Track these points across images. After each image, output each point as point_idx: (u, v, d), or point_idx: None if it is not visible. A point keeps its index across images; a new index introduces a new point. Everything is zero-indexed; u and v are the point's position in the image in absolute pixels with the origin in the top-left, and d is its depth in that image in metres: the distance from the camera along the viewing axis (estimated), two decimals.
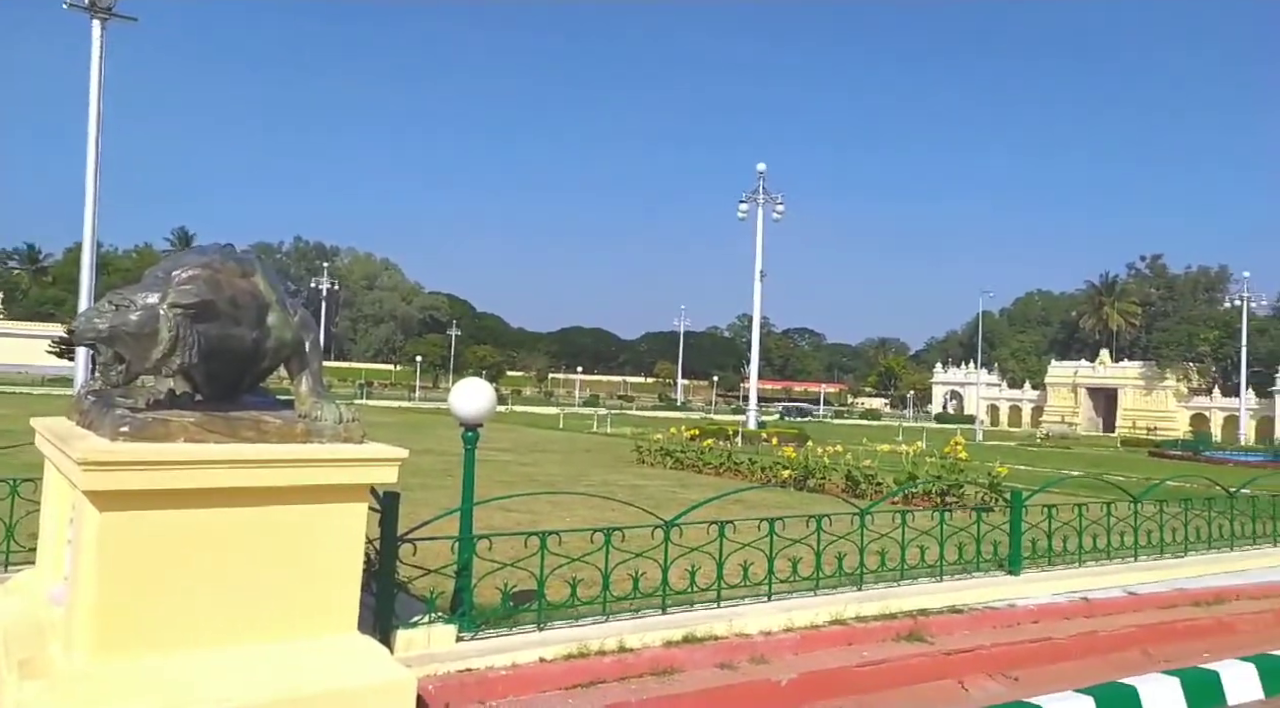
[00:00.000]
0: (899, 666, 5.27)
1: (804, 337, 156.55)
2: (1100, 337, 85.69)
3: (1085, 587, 7.01)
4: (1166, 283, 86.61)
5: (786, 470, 14.07)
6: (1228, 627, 7.04)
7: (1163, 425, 68.75)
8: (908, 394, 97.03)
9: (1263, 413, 68.57)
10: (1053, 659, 5.84)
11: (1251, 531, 8.90)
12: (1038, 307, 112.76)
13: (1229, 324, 66.23)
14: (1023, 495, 7.03)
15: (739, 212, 33.38)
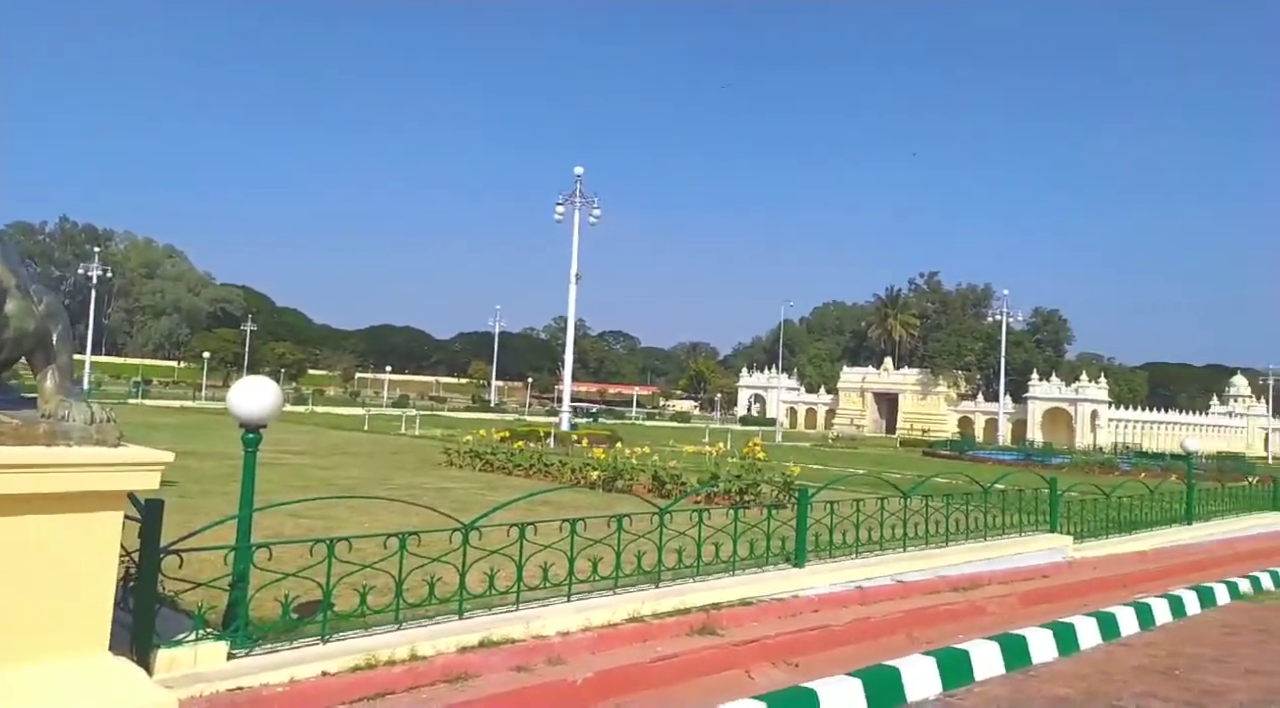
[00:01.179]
0: (691, 659, 5.46)
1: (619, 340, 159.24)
2: (885, 346, 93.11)
3: (861, 577, 7.56)
4: (941, 298, 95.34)
5: (595, 472, 14.22)
6: (980, 609, 7.83)
7: (935, 427, 75.67)
8: (716, 397, 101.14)
9: (1018, 417, 77.14)
10: (830, 645, 6.26)
11: (1001, 522, 9.94)
12: (833, 316, 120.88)
13: (991, 336, 74.08)
14: (808, 493, 7.48)
15: (556, 214, 33.45)
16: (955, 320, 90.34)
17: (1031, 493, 10.31)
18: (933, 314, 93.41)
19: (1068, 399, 76.02)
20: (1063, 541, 10.12)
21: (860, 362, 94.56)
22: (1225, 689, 5.92)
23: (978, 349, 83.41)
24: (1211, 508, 13.96)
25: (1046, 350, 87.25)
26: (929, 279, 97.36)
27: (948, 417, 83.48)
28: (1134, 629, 7.55)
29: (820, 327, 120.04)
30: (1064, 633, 6.73)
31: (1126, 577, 9.80)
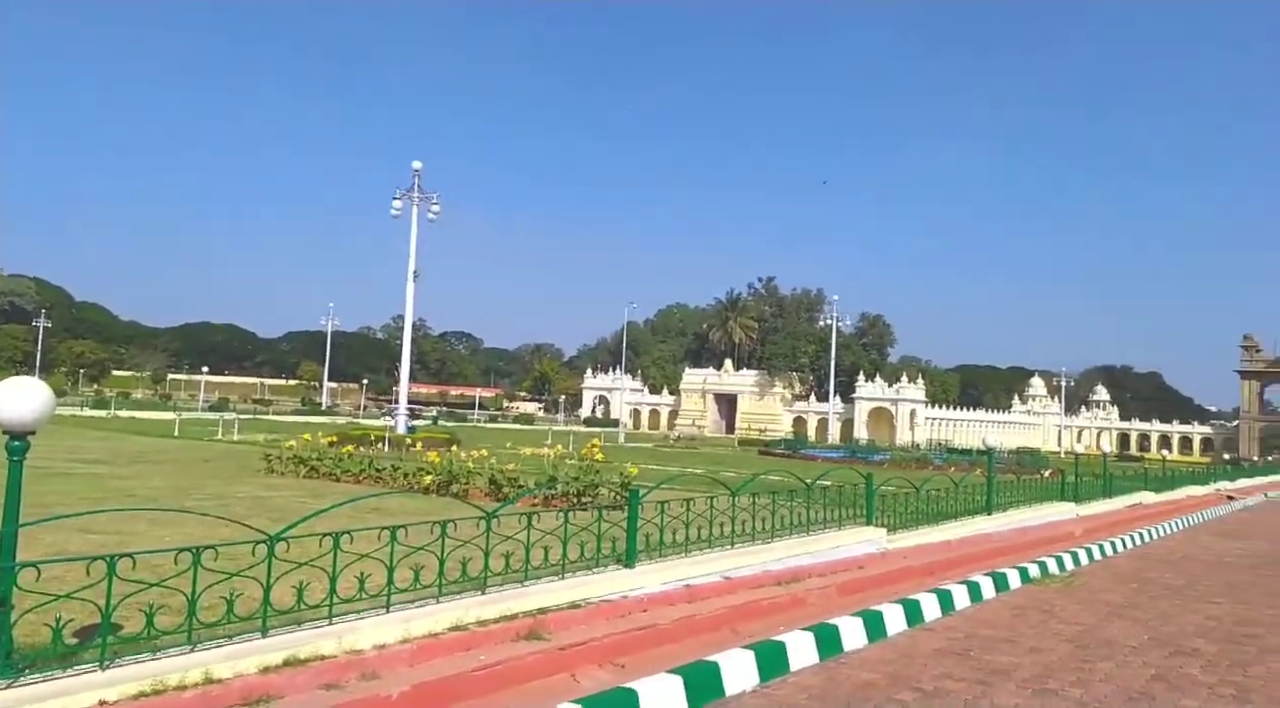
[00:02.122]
0: (515, 665, 5.36)
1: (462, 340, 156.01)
2: (726, 348, 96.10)
3: (690, 575, 7.70)
4: (778, 302, 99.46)
5: (429, 476, 13.81)
6: (801, 601, 8.16)
7: (771, 427, 78.95)
8: (561, 399, 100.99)
9: (846, 416, 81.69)
10: (657, 644, 6.33)
11: (823, 516, 10.43)
12: (677, 319, 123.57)
13: (823, 340, 78.02)
14: (639, 494, 7.55)
15: (393, 208, 32.28)
16: (791, 324, 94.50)
17: (850, 488, 10.86)
18: (770, 318, 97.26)
19: (890, 399, 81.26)
20: (878, 532, 10.73)
21: (702, 363, 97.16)
22: (1012, 667, 6.45)
23: (811, 352, 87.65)
24: (1009, 499, 15.22)
25: (872, 353, 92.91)
26: (767, 284, 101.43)
27: (783, 416, 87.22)
28: (936, 615, 8.10)
29: (664, 328, 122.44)
30: (873, 621, 7.13)
31: (933, 565, 10.51)
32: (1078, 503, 17.55)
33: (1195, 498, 26.06)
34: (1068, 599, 9.43)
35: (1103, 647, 7.26)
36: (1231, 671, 6.73)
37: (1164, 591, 10.44)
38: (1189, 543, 16.12)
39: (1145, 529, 16.63)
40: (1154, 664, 6.77)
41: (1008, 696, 5.70)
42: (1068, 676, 6.28)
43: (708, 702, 5.17)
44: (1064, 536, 14.60)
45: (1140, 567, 12.42)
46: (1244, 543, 16.60)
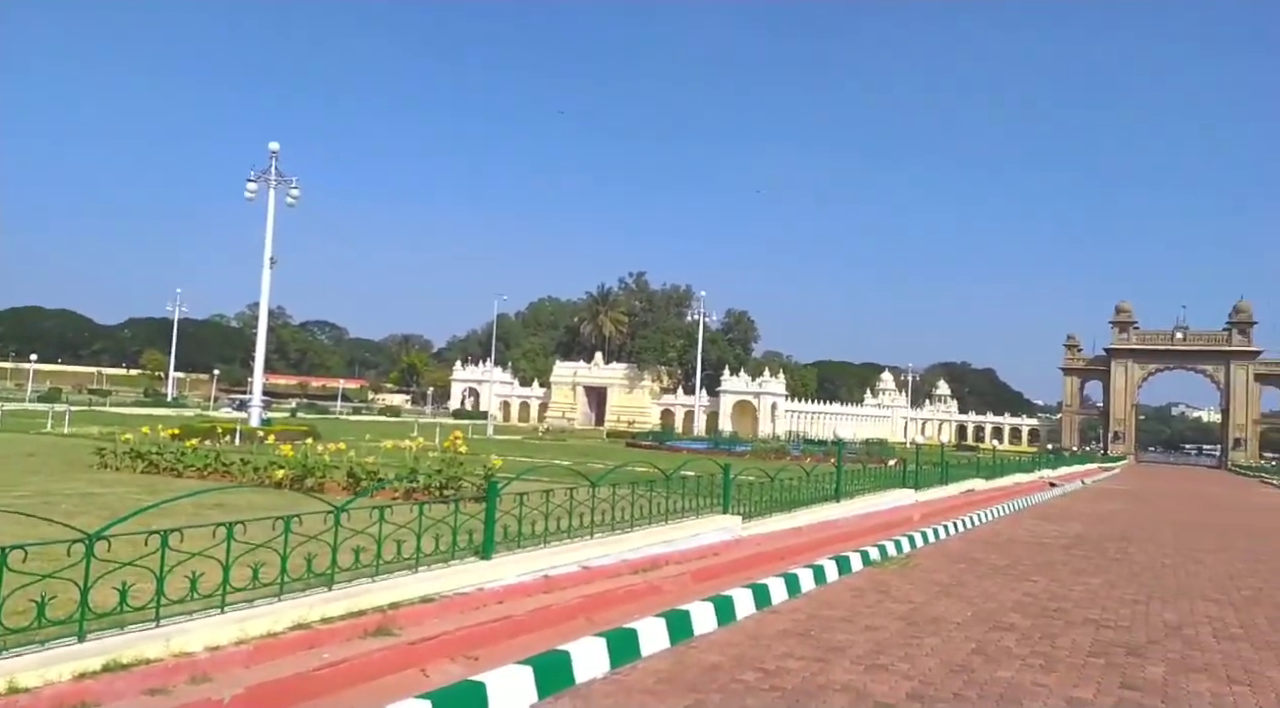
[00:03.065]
0: (362, 662, 5.24)
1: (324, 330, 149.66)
2: (597, 341, 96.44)
3: (548, 565, 7.73)
4: (648, 297, 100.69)
5: (282, 470, 13.23)
6: (657, 589, 8.35)
7: (640, 420, 79.89)
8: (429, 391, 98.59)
9: (712, 409, 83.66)
10: (512, 635, 6.33)
11: (682, 506, 10.69)
12: (549, 312, 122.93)
13: (691, 334, 79.53)
14: (497, 485, 7.52)
15: (247, 191, 30.56)
16: (660, 319, 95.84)
17: (709, 479, 11.17)
18: (640, 312, 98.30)
19: (753, 393, 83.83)
20: (733, 520, 11.09)
21: (573, 356, 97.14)
22: (848, 645, 6.84)
23: (679, 346, 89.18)
24: (856, 487, 16.05)
25: (737, 348, 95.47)
26: (637, 279, 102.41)
27: (652, 409, 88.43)
28: (784, 597, 8.47)
29: (536, 321, 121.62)
30: (723, 606, 7.38)
31: (784, 550, 10.96)
32: (917, 490, 18.69)
33: (1021, 485, 28.26)
34: (903, 580, 10.06)
35: (930, 623, 7.81)
36: (1042, 642, 7.38)
37: (988, 570, 11.30)
38: (1013, 526, 17.49)
39: (976, 513, 17.92)
40: (975, 638, 7.34)
41: (842, 672, 6.05)
42: (898, 651, 6.72)
43: (558, 691, 5.23)
44: (904, 520, 15.53)
45: (969, 548, 13.39)
46: (1061, 525, 18.17)
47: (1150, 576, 11.73)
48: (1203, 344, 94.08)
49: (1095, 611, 8.93)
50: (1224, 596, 10.41)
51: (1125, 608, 9.20)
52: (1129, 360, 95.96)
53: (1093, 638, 7.65)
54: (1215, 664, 6.97)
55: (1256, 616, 9.21)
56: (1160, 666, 6.82)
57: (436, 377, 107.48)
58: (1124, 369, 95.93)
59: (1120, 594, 10.05)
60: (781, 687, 5.63)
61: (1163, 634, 8.01)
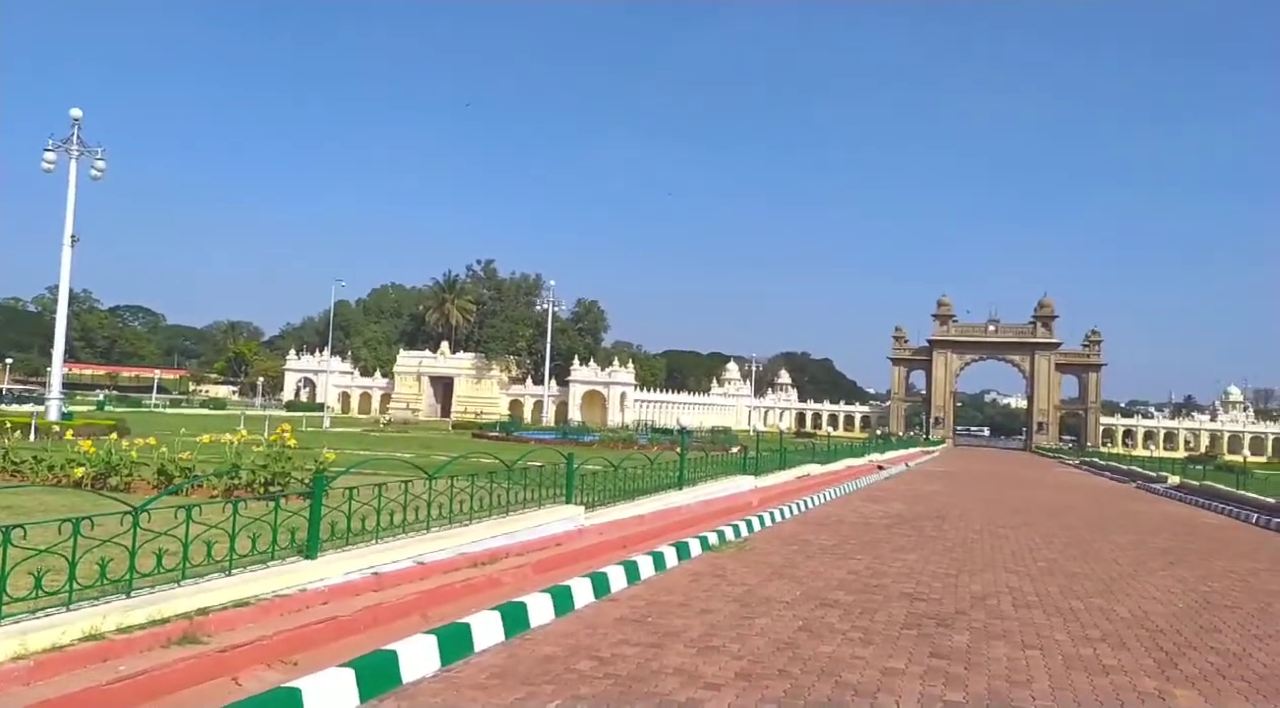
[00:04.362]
0: (164, 673, 4.83)
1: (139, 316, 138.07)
2: (443, 330, 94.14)
3: (380, 562, 7.42)
4: (496, 285, 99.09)
5: (81, 468, 12.06)
6: (496, 582, 8.20)
7: (488, 410, 78.80)
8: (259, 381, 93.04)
9: (561, 398, 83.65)
10: (338, 637, 6.03)
11: (524, 497, 10.56)
12: (392, 299, 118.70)
13: (541, 324, 79.11)
14: (324, 480, 7.14)
15: (44, 162, 27.60)
16: (509, 307, 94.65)
17: (552, 469, 11.09)
18: (489, 300, 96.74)
19: (602, 383, 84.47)
20: (576, 510, 11.06)
21: (418, 345, 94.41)
22: (683, 629, 6.97)
23: (529, 335, 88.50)
24: (698, 474, 16.42)
25: (587, 338, 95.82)
26: (486, 266, 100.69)
27: (500, 399, 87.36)
28: (623, 585, 8.54)
29: (378, 309, 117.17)
30: (562, 596, 7.35)
31: (627, 538, 11.06)
32: (757, 476, 19.37)
33: (853, 468, 29.91)
34: (738, 563, 10.39)
35: (762, 604, 8.09)
36: (862, 617, 7.80)
37: (818, 550, 11.86)
38: (843, 508, 18.48)
39: (810, 497, 18.81)
40: (802, 616, 7.66)
41: (675, 655, 6.15)
42: (729, 632, 6.92)
43: (383, 692, 5.02)
44: (743, 505, 16.06)
45: (802, 530, 14.02)
46: (885, 506, 19.37)
47: (961, 551, 12.67)
48: (1012, 336, 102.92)
49: (911, 585, 9.54)
50: (1023, 567, 11.39)
51: (938, 581, 9.89)
52: (949, 351, 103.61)
53: (907, 611, 8.17)
54: (1013, 631, 7.60)
55: (1050, 585, 10.13)
56: (965, 634, 7.37)
57: (268, 367, 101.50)
58: (944, 359, 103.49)
59: (934, 569, 10.80)
60: (615, 674, 5.65)
61: (969, 605, 8.66)
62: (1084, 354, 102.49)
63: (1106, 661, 6.72)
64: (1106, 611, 8.73)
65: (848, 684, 5.71)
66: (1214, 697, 5.88)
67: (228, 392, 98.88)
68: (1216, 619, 8.58)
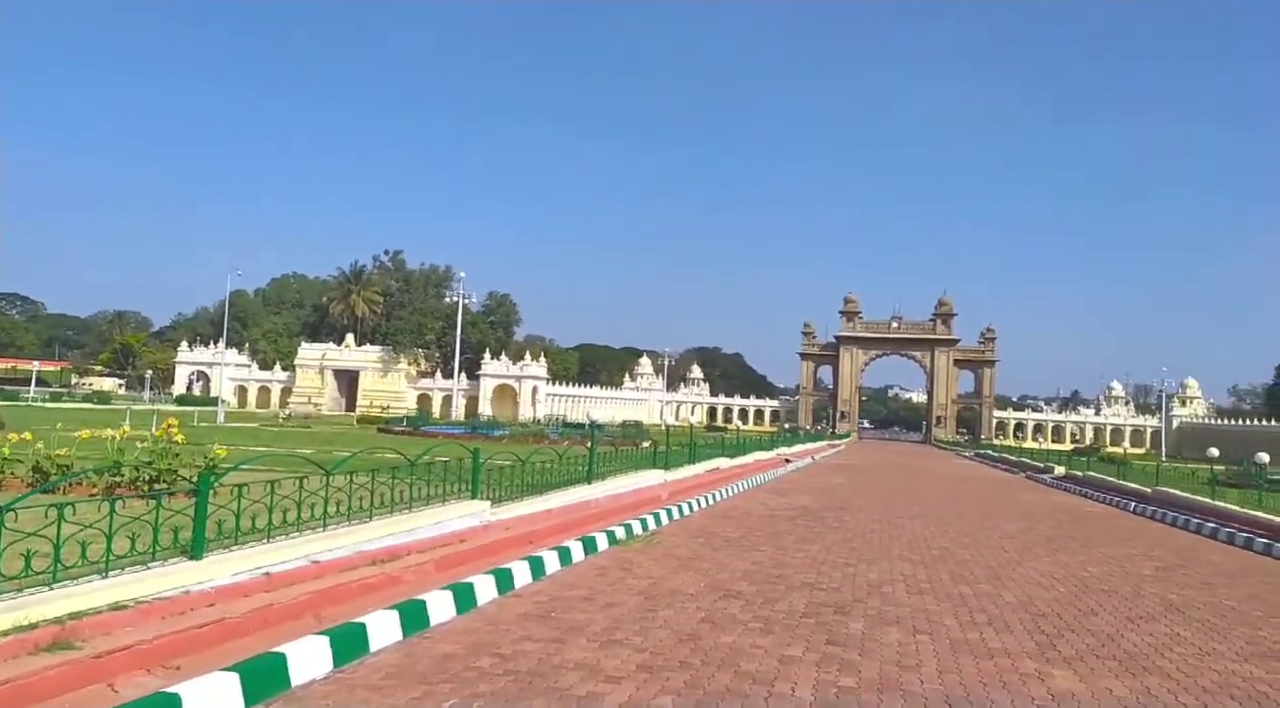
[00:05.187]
0: (30, 682, 4.53)
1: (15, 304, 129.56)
2: (348, 321, 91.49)
3: (271, 561, 7.15)
4: (405, 276, 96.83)
5: None
6: (396, 580, 8.00)
7: (395, 404, 77.05)
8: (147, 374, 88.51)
9: (471, 393, 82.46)
10: (225, 640, 5.77)
11: (427, 492, 10.34)
12: (293, 289, 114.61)
13: (451, 316, 77.69)
14: (211, 477, 6.83)
15: None
16: (418, 299, 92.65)
17: (457, 463, 10.90)
18: (396, 292, 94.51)
19: (514, 377, 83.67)
20: (482, 506, 10.91)
21: (321, 338, 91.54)
22: (586, 623, 6.96)
23: (438, 328, 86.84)
24: (609, 468, 16.44)
25: (499, 331, 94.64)
26: (394, 257, 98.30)
27: (408, 393, 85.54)
28: (528, 581, 8.47)
29: (278, 299, 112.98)
30: (463, 593, 7.23)
31: (534, 534, 10.97)
32: (667, 470, 19.53)
33: (761, 462, 30.49)
34: (645, 556, 10.44)
35: (667, 596, 8.15)
36: (764, 607, 7.94)
37: (724, 543, 12.03)
38: (750, 500, 18.81)
39: (719, 490, 19.07)
40: (705, 608, 7.75)
41: (578, 650, 6.13)
42: (633, 625, 6.94)
43: (270, 696, 4.83)
44: (653, 499, 16.16)
45: (710, 523, 14.20)
46: (790, 499, 19.80)
47: (860, 541, 13.06)
48: (914, 333, 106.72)
49: (812, 575, 9.78)
50: (917, 556, 11.81)
51: (837, 571, 10.16)
52: (854, 347, 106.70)
53: (807, 600, 8.36)
54: (905, 617, 7.87)
55: (941, 572, 10.54)
56: (860, 621, 7.59)
57: (157, 359, 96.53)
58: (850, 355, 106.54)
59: (834, 559, 11.09)
60: (516, 670, 5.59)
61: (865, 593, 8.93)
62: (980, 351, 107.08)
63: (991, 644, 7.03)
64: (993, 596, 9.13)
65: (746, 673, 5.80)
66: (1088, 676, 6.22)
67: (113, 385, 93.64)
68: (1093, 603, 9.09)
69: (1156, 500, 22.13)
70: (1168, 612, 8.82)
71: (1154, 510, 20.71)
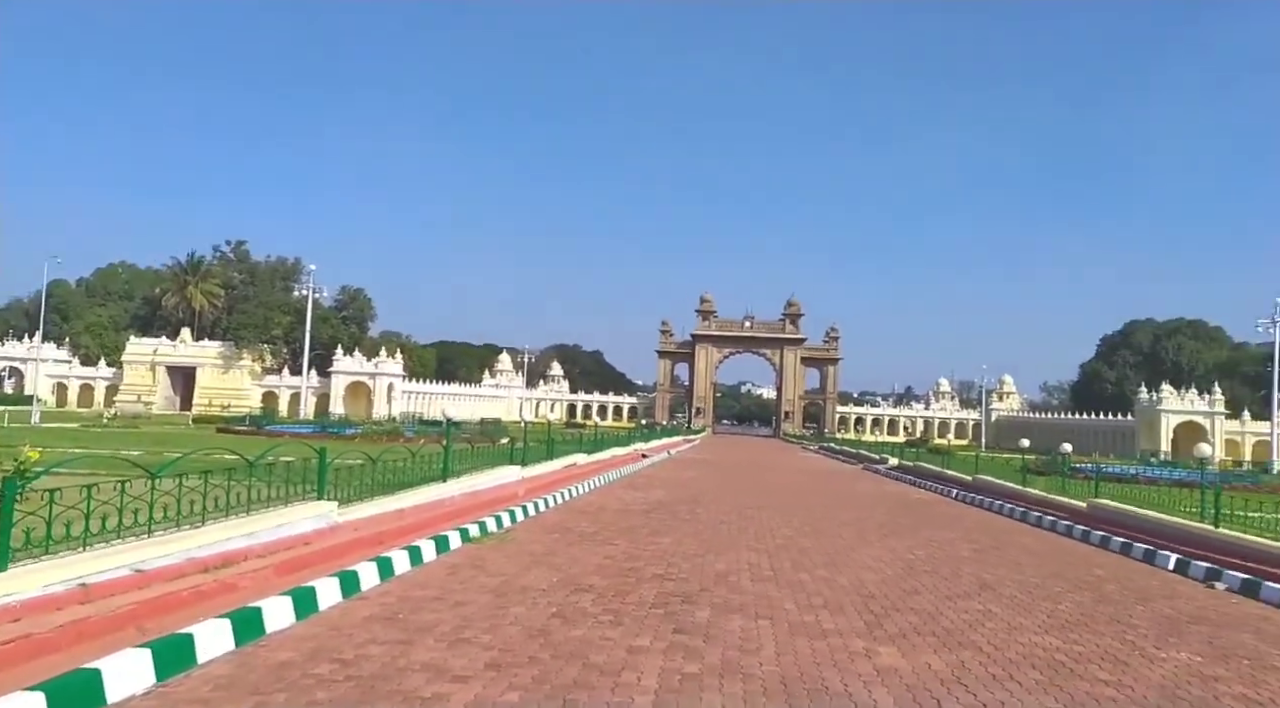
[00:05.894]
0: None
1: None
2: (184, 315, 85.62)
3: (88, 571, 6.63)
4: (249, 268, 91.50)
5: None
6: (232, 587, 7.61)
7: (238, 403, 72.69)
8: None
9: (322, 390, 78.95)
10: (33, 657, 5.34)
11: (268, 494, 9.87)
12: (121, 280, 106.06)
13: (300, 311, 74.07)
14: (17, 481, 6.28)
15: None
16: (264, 292, 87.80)
17: (302, 464, 10.47)
18: (240, 285, 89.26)
19: (368, 374, 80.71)
20: (328, 507, 10.52)
21: (153, 332, 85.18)
22: (435, 623, 6.87)
23: (285, 323, 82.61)
24: (464, 466, 16.17)
25: (352, 327, 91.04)
26: (236, 247, 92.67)
27: (252, 391, 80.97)
28: (375, 582, 8.26)
29: (104, 290, 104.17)
30: (304, 597, 6.98)
31: (384, 534, 10.68)
32: (524, 466, 19.43)
33: (618, 457, 30.83)
34: (499, 554, 10.40)
35: (519, 593, 8.16)
36: (614, 600, 8.09)
37: (578, 538, 12.13)
38: (605, 496, 19.03)
39: (576, 486, 19.17)
40: (557, 603, 7.81)
41: (425, 650, 6.06)
42: (483, 623, 6.91)
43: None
44: (509, 496, 16.07)
45: (565, 519, 14.27)
46: (645, 493, 20.17)
47: (710, 533, 13.49)
48: (765, 332, 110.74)
49: (662, 567, 10.03)
50: (762, 545, 12.33)
51: (687, 562, 10.47)
52: (709, 345, 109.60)
53: (657, 591, 8.58)
54: (748, 604, 8.22)
55: (784, 560, 11.05)
56: (707, 610, 7.87)
57: None
58: (706, 353, 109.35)
59: (685, 550, 11.41)
60: (358, 675, 5.46)
61: (713, 582, 9.25)
62: (825, 349, 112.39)
63: (826, 625, 7.46)
64: (829, 581, 9.68)
65: (594, 665, 5.91)
66: (910, 652, 6.71)
67: None
68: (917, 584, 9.79)
69: (976, 488, 24.01)
70: (982, 590, 9.62)
71: (974, 497, 22.47)
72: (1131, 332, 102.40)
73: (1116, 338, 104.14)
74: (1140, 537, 14.03)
